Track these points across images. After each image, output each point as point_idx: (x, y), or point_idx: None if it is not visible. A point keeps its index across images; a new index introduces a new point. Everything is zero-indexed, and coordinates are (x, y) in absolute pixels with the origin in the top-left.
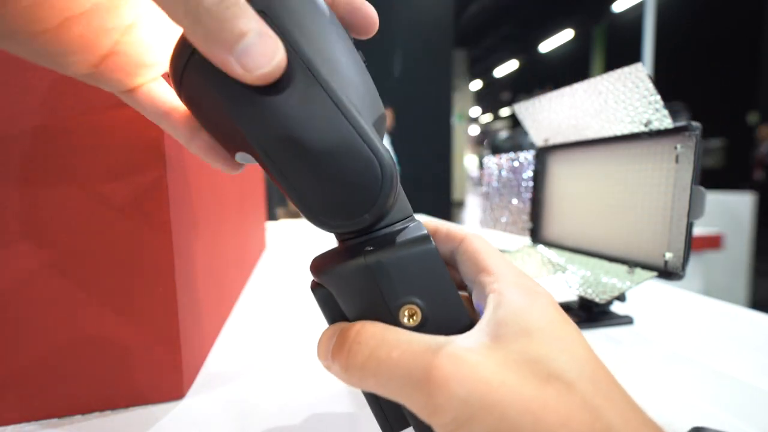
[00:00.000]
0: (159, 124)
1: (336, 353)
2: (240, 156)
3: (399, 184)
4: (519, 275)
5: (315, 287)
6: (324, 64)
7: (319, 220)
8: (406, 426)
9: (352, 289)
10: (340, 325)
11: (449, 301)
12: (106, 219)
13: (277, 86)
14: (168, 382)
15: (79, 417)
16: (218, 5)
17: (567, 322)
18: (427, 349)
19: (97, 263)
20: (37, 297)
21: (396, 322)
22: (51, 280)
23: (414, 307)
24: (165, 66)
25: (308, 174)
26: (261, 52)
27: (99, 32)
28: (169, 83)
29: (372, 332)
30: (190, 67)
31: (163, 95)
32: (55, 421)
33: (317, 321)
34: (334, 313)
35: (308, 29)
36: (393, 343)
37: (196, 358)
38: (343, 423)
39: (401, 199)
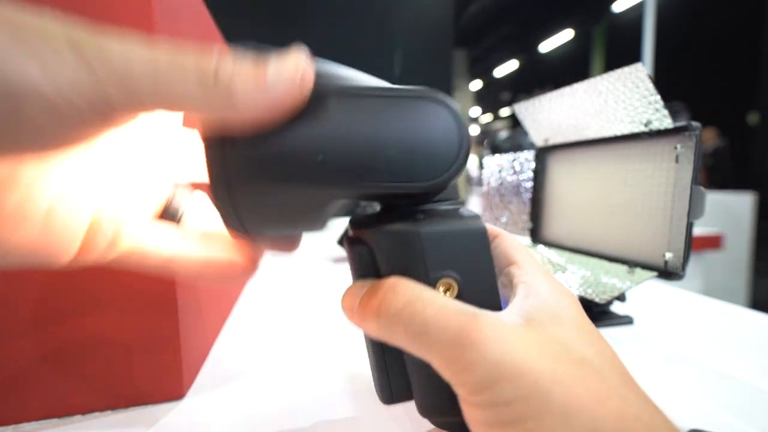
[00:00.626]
0: (167, 271)
1: (367, 299)
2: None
3: None
4: (547, 274)
5: (352, 242)
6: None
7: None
8: (408, 398)
9: (397, 251)
10: (372, 280)
11: (487, 284)
12: None
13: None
14: (168, 382)
15: (79, 417)
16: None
17: (591, 323)
18: (464, 312)
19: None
20: (37, 297)
21: None
22: (51, 280)
23: (452, 282)
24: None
25: (390, 123)
26: (285, 71)
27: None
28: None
29: (409, 286)
30: (235, 182)
31: (151, 250)
32: (55, 421)
33: (317, 321)
34: (366, 271)
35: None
36: (429, 300)
37: (196, 358)
38: (344, 423)
39: (454, 182)
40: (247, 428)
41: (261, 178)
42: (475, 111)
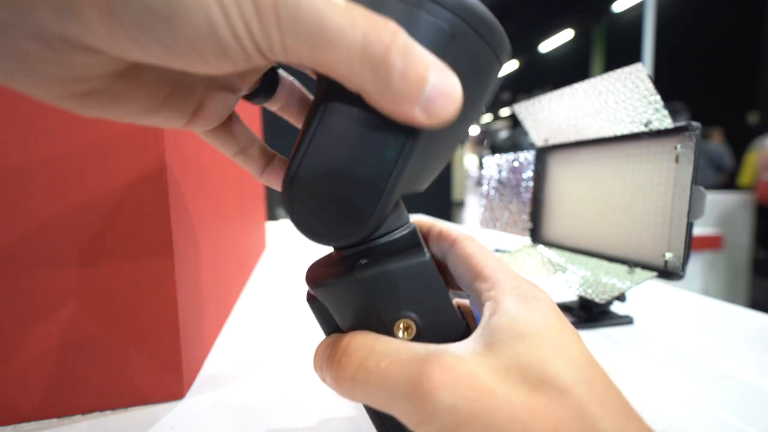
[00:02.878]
0: (235, 159)
1: (328, 365)
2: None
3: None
4: (516, 280)
5: (311, 299)
6: None
7: (307, 233)
8: None
9: (346, 303)
10: (334, 338)
11: (444, 313)
12: (106, 219)
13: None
14: (168, 382)
15: (78, 417)
16: (398, 58)
17: (565, 327)
18: (416, 357)
19: (98, 263)
20: (37, 297)
21: (391, 335)
22: (51, 280)
23: (408, 321)
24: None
25: (327, 168)
26: (445, 93)
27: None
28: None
29: (361, 343)
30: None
31: (241, 134)
32: (55, 421)
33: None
34: (330, 324)
35: None
36: (382, 353)
37: (196, 358)
38: (344, 423)
39: (399, 207)
40: (247, 428)
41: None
42: None
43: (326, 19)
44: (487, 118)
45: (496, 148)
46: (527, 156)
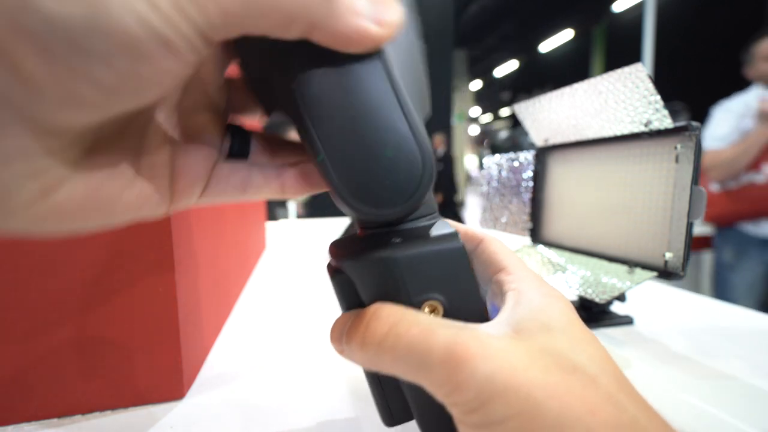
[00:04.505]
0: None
1: (352, 330)
2: (274, 116)
3: None
4: (537, 278)
5: (334, 273)
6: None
7: (350, 204)
8: (409, 418)
9: (376, 280)
10: (357, 311)
11: (471, 300)
12: None
13: (352, 58)
14: (168, 382)
15: (78, 417)
16: None
17: (584, 327)
18: (449, 328)
19: (97, 263)
20: (37, 297)
21: None
22: (51, 280)
23: (436, 303)
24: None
25: (352, 151)
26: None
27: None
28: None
29: (392, 310)
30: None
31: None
32: (55, 421)
33: (317, 321)
34: (351, 300)
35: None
36: (413, 321)
37: (196, 358)
38: (344, 423)
39: (428, 196)
40: (247, 428)
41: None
42: (475, 111)
43: None
44: (487, 118)
45: (496, 148)
46: (527, 156)
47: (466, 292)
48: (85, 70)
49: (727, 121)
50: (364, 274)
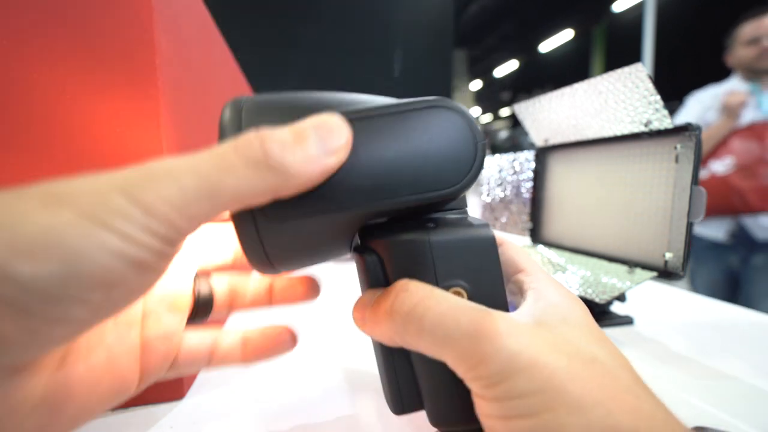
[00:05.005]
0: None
1: (379, 301)
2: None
3: None
4: (555, 281)
5: (364, 251)
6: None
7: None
8: (419, 408)
9: (408, 261)
10: (381, 290)
11: (496, 291)
12: None
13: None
14: (168, 382)
15: None
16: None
17: (599, 328)
18: (476, 307)
19: None
20: None
21: None
22: None
23: (461, 290)
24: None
25: (403, 140)
26: (326, 126)
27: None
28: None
29: (420, 285)
30: (264, 226)
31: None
32: None
33: (318, 320)
34: (376, 281)
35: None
36: (442, 296)
37: None
38: (344, 423)
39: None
40: (247, 428)
41: (288, 216)
42: (475, 111)
43: (198, 171)
44: (487, 118)
45: (496, 148)
46: (527, 156)
47: (492, 282)
48: (60, 316)
49: (693, 112)
50: (398, 254)
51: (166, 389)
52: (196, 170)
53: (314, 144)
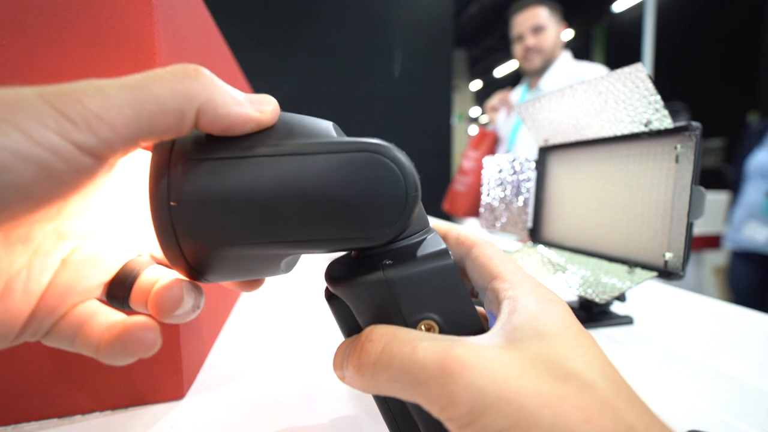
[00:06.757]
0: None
1: (350, 356)
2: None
3: None
4: (533, 283)
5: (330, 297)
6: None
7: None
8: None
9: (369, 303)
10: (355, 336)
11: (466, 316)
12: None
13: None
14: (168, 382)
15: (78, 417)
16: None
17: (582, 330)
18: (440, 343)
19: None
20: None
21: None
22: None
23: (431, 322)
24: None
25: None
26: (263, 100)
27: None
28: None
29: (384, 331)
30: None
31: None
32: (55, 421)
33: (317, 321)
34: (350, 325)
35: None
36: (406, 340)
37: (196, 358)
38: (344, 423)
39: (420, 212)
40: (247, 428)
41: (209, 241)
42: (475, 111)
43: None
44: (487, 118)
45: None
46: (527, 156)
47: (460, 308)
48: None
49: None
50: (357, 298)
51: (166, 389)
52: (122, 82)
53: (247, 102)
